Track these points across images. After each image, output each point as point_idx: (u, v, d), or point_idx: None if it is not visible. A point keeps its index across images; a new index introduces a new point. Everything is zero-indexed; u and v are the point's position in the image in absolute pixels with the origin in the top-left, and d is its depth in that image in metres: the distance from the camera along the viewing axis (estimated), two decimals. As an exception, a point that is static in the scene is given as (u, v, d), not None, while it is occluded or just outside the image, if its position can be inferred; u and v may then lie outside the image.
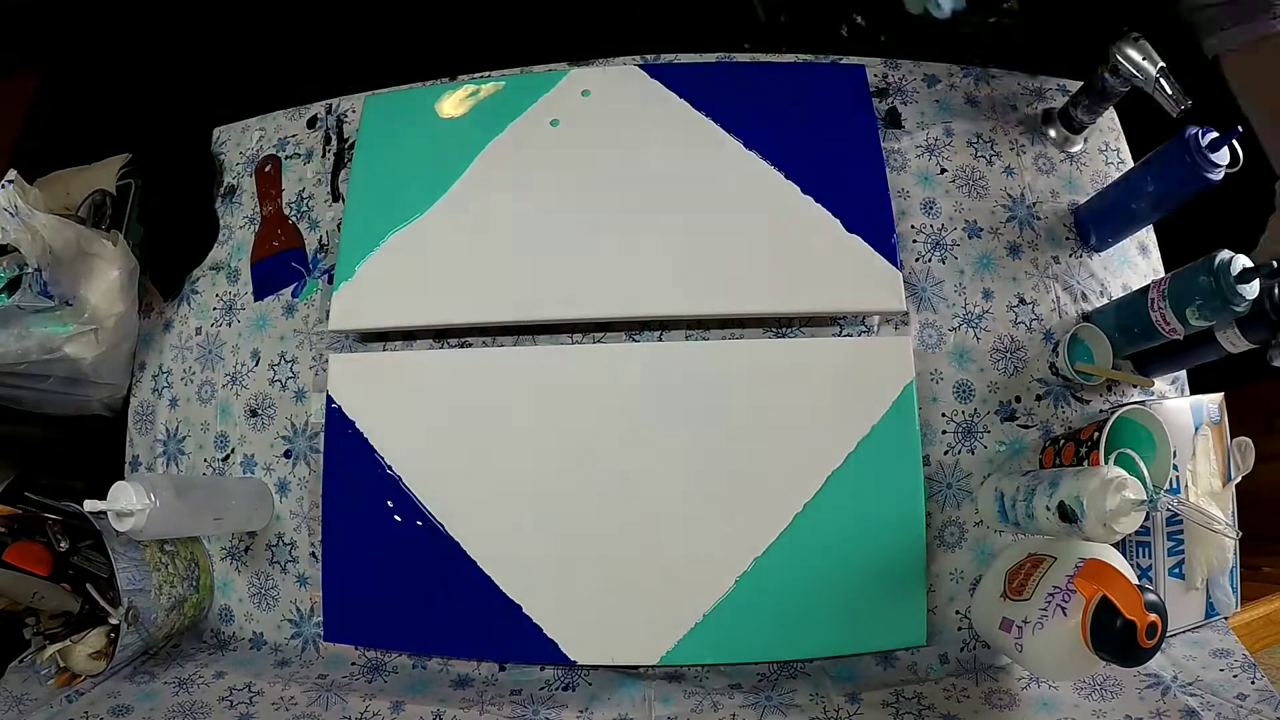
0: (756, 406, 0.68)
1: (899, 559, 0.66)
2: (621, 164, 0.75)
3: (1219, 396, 0.72)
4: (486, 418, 0.70)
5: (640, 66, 0.80)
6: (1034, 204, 0.79)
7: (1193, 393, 0.76)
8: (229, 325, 0.81)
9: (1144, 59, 0.70)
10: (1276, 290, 0.61)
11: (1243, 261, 0.61)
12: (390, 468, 0.69)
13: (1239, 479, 0.70)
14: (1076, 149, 0.82)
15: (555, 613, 0.66)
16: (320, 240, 0.82)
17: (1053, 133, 0.82)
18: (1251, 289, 0.61)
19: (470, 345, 0.74)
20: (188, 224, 0.85)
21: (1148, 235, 0.79)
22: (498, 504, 0.68)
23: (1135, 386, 0.73)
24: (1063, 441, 0.69)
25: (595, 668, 0.70)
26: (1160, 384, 0.76)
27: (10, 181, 0.69)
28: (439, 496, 0.68)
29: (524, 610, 0.66)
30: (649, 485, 0.67)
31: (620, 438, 0.68)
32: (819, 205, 0.73)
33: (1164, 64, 0.70)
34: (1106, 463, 0.62)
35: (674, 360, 0.70)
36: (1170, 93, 0.69)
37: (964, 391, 0.74)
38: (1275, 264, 0.60)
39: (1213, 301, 0.62)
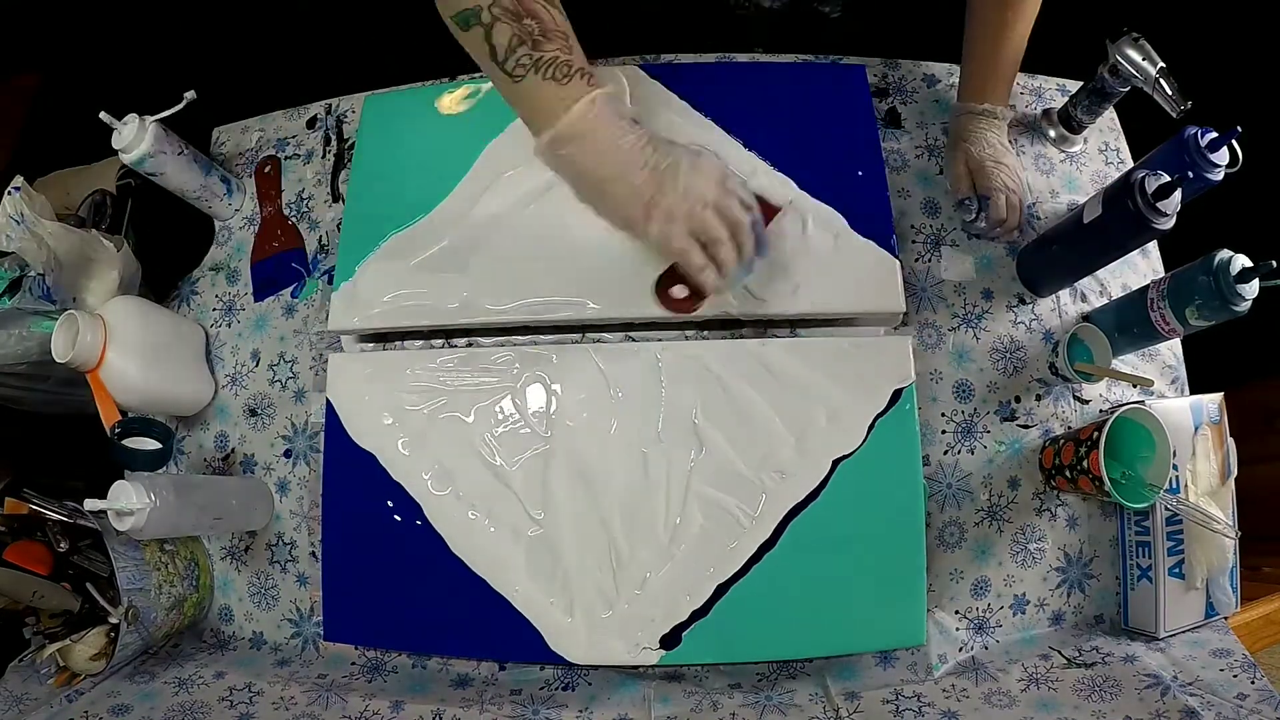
0: (755, 406, 0.68)
1: (899, 559, 0.66)
2: (621, 164, 0.75)
3: (1219, 396, 0.72)
4: (486, 418, 0.70)
5: (640, 66, 0.80)
6: (1034, 204, 0.79)
7: (1193, 392, 0.76)
8: (229, 326, 0.82)
9: (1144, 59, 0.70)
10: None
11: (1242, 261, 0.61)
12: (390, 468, 0.69)
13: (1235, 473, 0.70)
14: (1076, 149, 0.82)
15: (555, 612, 0.66)
16: (320, 241, 0.82)
17: (1052, 133, 0.82)
18: (1251, 288, 0.61)
19: (471, 345, 0.74)
20: (181, 229, 0.85)
21: (1148, 235, 0.79)
22: (497, 503, 0.68)
23: (1135, 386, 0.73)
24: (1062, 441, 0.70)
25: (595, 668, 0.70)
26: (1160, 384, 0.76)
27: (17, 189, 0.69)
28: (439, 496, 0.68)
29: (523, 610, 0.66)
30: (648, 486, 0.67)
31: (620, 438, 0.68)
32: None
33: (1164, 64, 0.69)
34: (1105, 462, 0.62)
35: (674, 360, 0.70)
36: (1170, 93, 0.69)
37: (964, 391, 0.74)
38: (1275, 263, 0.60)
39: (1212, 301, 0.62)
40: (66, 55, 1.39)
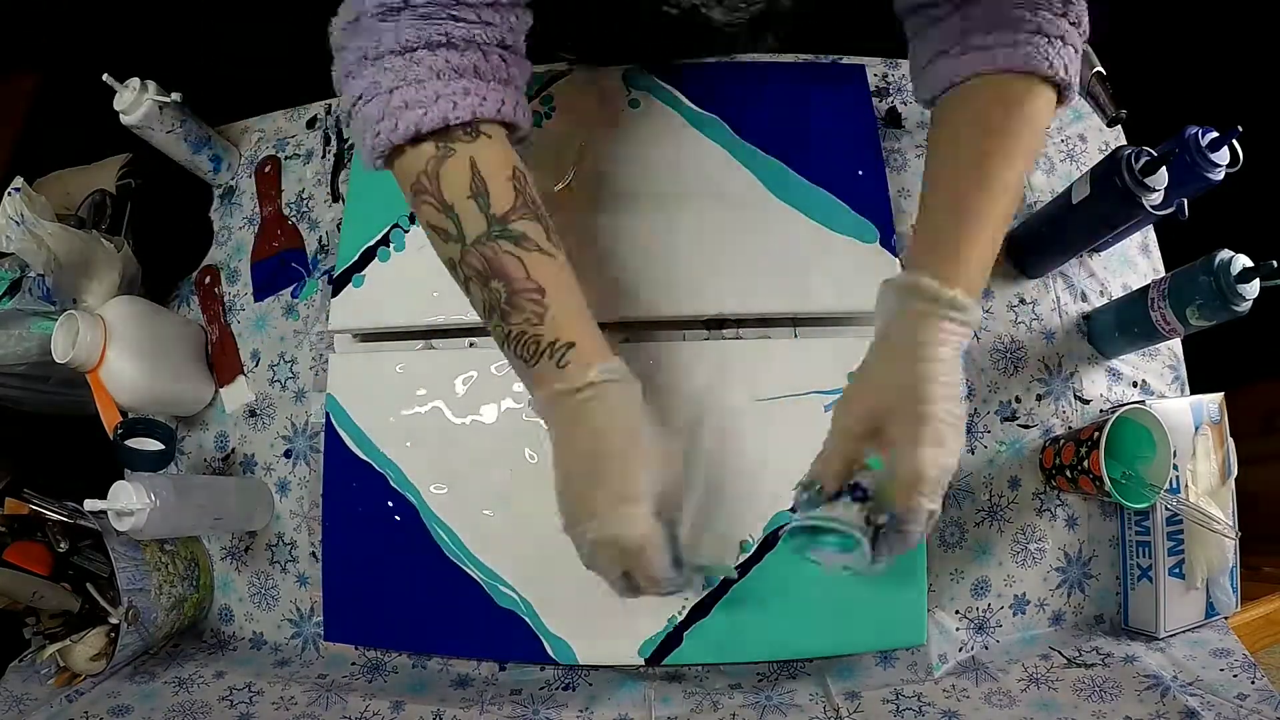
0: (755, 406, 0.68)
1: (899, 558, 0.65)
2: (621, 163, 0.75)
3: (1219, 396, 0.72)
4: (486, 418, 0.70)
5: (640, 66, 0.80)
6: (1034, 204, 0.79)
7: (1193, 392, 0.76)
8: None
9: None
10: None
11: (1243, 261, 0.61)
12: (389, 468, 0.69)
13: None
14: None
15: (555, 613, 0.66)
16: (320, 241, 0.82)
17: None
18: (1252, 288, 0.61)
19: (472, 345, 0.74)
20: (181, 230, 0.85)
21: (1148, 235, 0.79)
22: (497, 504, 0.68)
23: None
24: (1063, 441, 0.70)
25: (595, 668, 0.70)
26: (1160, 384, 0.76)
27: (17, 189, 0.69)
28: (439, 496, 0.68)
29: (523, 611, 0.66)
30: (649, 485, 0.67)
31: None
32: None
33: (1101, 69, 0.66)
34: (1106, 462, 0.62)
35: (674, 361, 0.70)
36: (1103, 100, 0.65)
37: (964, 391, 0.74)
38: (1275, 263, 0.60)
39: (1213, 301, 0.61)
40: (66, 55, 1.39)
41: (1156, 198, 0.61)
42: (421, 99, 0.43)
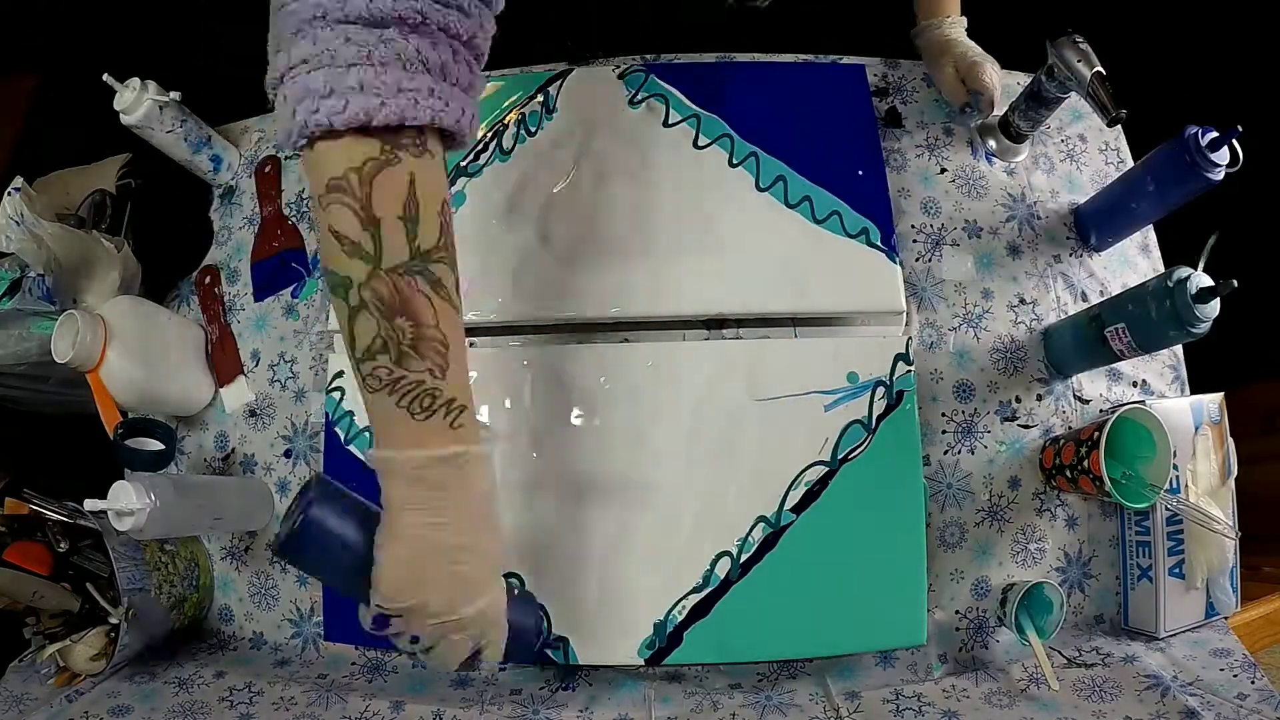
0: (756, 406, 0.68)
1: (899, 559, 0.66)
2: (620, 163, 0.75)
3: (1219, 396, 0.72)
4: (485, 418, 0.70)
5: (642, 67, 0.80)
6: (1034, 203, 0.79)
7: (1193, 392, 0.76)
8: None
9: (1079, 61, 0.66)
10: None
11: (1200, 281, 0.58)
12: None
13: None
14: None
15: (555, 613, 0.66)
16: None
17: (992, 143, 0.80)
18: (1211, 308, 0.58)
19: (473, 345, 0.74)
20: (181, 230, 0.85)
21: (1148, 235, 0.80)
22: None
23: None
24: (1063, 442, 0.70)
25: (595, 668, 0.70)
26: (1160, 384, 0.76)
27: (17, 189, 0.69)
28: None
29: (524, 610, 0.66)
30: (648, 486, 0.67)
31: (619, 438, 0.68)
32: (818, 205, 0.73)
33: (1101, 69, 0.65)
34: (1106, 462, 0.62)
35: (674, 361, 0.70)
36: (1104, 99, 0.64)
37: (964, 391, 0.74)
38: (1235, 282, 0.56)
39: (1168, 325, 0.59)
40: (66, 55, 1.39)
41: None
42: (380, 85, 0.36)
